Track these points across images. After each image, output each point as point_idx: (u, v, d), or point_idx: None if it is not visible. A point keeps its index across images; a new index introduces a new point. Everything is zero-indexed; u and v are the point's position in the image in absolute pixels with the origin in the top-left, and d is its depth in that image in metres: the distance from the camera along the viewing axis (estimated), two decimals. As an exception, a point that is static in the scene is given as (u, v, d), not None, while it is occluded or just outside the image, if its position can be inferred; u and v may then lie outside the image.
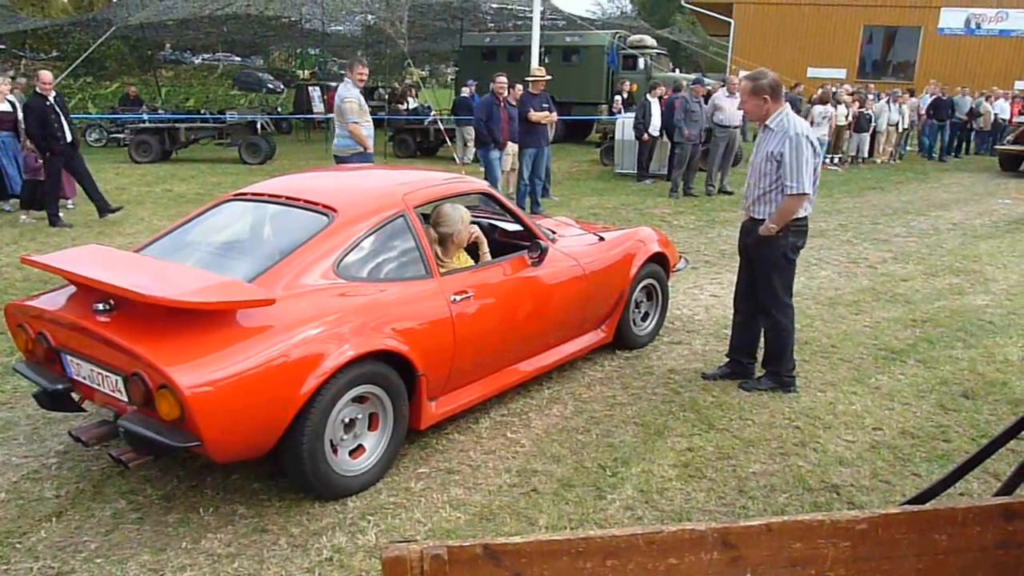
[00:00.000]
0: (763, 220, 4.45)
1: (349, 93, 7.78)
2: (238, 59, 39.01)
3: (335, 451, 3.39)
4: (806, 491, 3.56)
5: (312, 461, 3.23)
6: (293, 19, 24.13)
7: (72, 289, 3.56)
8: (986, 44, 26.19)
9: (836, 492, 3.55)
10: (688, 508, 3.41)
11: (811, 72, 25.83)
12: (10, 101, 9.81)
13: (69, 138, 9.15)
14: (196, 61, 37.24)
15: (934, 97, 18.41)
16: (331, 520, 3.26)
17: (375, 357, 3.39)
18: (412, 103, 20.38)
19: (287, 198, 3.94)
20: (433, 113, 18.25)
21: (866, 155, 16.96)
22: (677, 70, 24.46)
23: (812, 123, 16.64)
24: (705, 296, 6.73)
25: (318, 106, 22.33)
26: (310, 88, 23.15)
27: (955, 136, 19.16)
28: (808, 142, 4.31)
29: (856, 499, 3.49)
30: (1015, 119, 17.68)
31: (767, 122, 4.44)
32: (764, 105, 4.40)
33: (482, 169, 10.37)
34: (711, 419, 4.29)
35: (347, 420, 3.43)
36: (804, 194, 4.31)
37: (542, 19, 17.28)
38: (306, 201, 3.82)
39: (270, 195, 4.05)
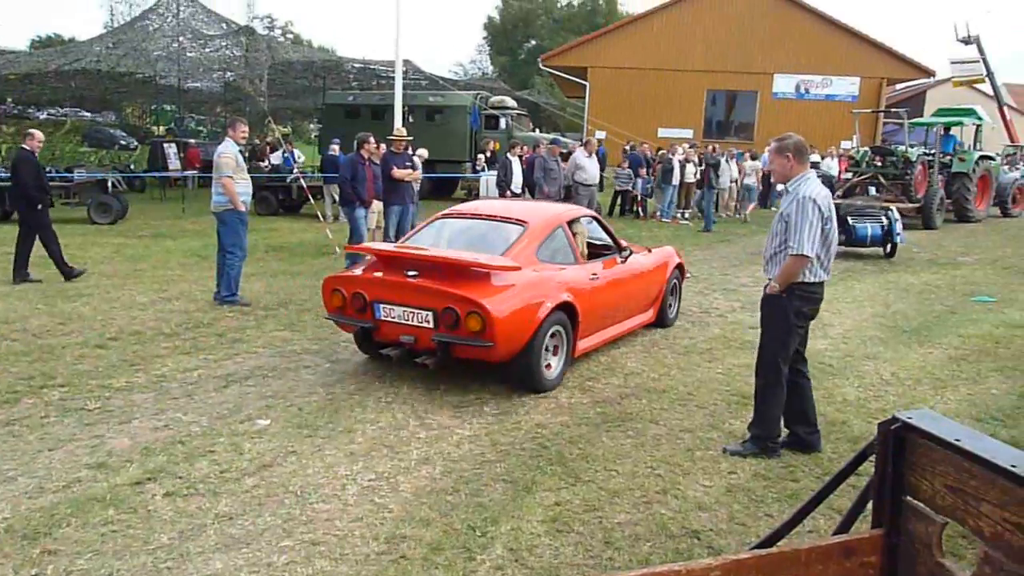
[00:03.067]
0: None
1: (227, 149, 8.09)
2: (88, 115, 37.17)
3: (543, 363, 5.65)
4: (669, 538, 3.67)
5: (537, 366, 5.54)
6: (148, 75, 23.34)
7: (369, 264, 6.04)
8: (814, 107, 28.76)
9: (697, 537, 3.68)
10: (557, 564, 3.44)
11: (661, 132, 27.40)
12: None
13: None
14: (41, 116, 35.18)
15: None
16: (186, 605, 3.05)
17: (560, 308, 5.66)
18: (295, 153, 19.93)
19: (487, 215, 6.41)
20: (296, 169, 17.95)
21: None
22: (537, 130, 25.36)
23: (741, 173, 17.57)
24: (570, 349, 6.89)
25: (174, 163, 21.54)
26: (165, 144, 22.33)
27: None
28: (815, 205, 4.31)
29: (715, 543, 3.63)
30: (842, 175, 19.30)
31: (787, 184, 4.52)
32: (788, 164, 4.46)
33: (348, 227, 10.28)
34: (577, 472, 4.36)
35: (547, 347, 5.65)
36: (804, 256, 4.31)
37: (405, 78, 17.51)
38: (503, 217, 6.29)
39: (472, 214, 6.58)
